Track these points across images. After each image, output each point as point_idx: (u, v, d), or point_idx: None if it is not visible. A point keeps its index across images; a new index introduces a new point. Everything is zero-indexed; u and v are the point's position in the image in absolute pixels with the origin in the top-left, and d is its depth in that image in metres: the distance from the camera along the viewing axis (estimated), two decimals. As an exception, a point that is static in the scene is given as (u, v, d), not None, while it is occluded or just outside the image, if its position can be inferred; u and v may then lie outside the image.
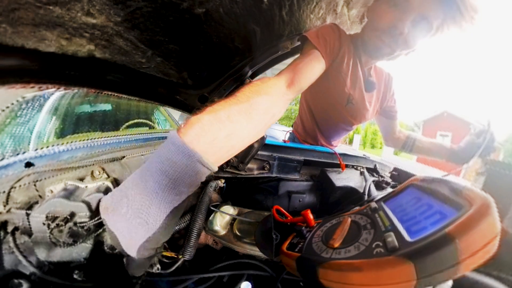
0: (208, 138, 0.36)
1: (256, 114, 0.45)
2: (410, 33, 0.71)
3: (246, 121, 0.43)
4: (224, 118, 0.39)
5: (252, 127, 0.45)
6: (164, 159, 0.34)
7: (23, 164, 0.57)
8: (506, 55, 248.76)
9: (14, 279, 0.47)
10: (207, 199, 0.57)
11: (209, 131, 0.37)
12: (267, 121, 0.52)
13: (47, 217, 0.49)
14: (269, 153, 0.74)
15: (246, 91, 0.47)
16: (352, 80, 0.91)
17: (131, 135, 1.08)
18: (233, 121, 0.40)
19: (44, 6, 0.42)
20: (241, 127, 0.42)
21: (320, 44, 0.72)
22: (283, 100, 0.60)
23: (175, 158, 0.34)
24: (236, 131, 0.41)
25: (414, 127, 19.40)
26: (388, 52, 0.79)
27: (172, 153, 0.34)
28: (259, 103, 0.47)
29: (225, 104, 0.42)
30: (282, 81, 0.61)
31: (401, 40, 0.73)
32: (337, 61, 0.84)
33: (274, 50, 0.79)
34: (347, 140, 20.71)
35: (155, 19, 0.54)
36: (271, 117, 0.53)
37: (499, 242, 0.24)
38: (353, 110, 0.99)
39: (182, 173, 0.34)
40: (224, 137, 0.38)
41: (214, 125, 0.38)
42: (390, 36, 0.74)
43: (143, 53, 0.61)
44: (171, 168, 0.34)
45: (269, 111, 0.52)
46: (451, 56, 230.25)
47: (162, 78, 0.72)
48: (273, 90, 0.55)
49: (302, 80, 0.64)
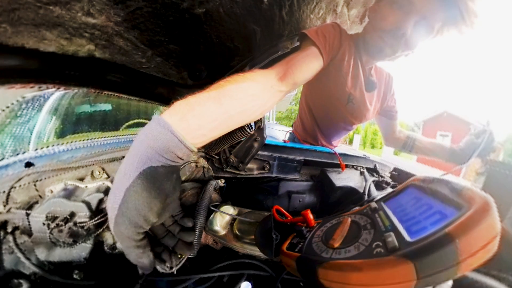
0: (177, 116, 0.41)
1: (227, 99, 0.48)
2: (412, 35, 0.72)
3: (215, 105, 0.46)
4: (193, 102, 0.44)
5: (224, 110, 0.48)
6: (142, 131, 0.40)
7: (23, 164, 0.57)
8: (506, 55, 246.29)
9: (14, 279, 0.47)
10: (208, 199, 0.57)
11: (178, 111, 0.42)
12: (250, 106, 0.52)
13: (47, 217, 0.49)
14: (269, 153, 0.74)
15: (222, 81, 0.51)
16: (352, 79, 0.91)
17: (131, 135, 1.08)
18: (200, 104, 0.45)
19: (44, 6, 0.42)
20: (209, 109, 0.46)
21: (320, 40, 0.72)
22: (272, 91, 0.59)
23: (150, 128, 0.39)
24: (204, 112, 0.45)
25: (414, 127, 19.40)
26: (389, 52, 0.80)
27: (152, 125, 0.40)
28: (233, 90, 0.50)
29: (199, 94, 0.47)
30: (274, 72, 0.61)
31: (403, 41, 0.73)
32: (337, 60, 0.84)
33: (274, 50, 0.79)
34: (347, 140, 20.71)
35: (155, 19, 0.54)
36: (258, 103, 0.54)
37: (499, 242, 0.24)
38: (354, 109, 0.98)
39: (153, 139, 0.38)
40: (192, 117, 0.43)
41: (183, 107, 0.43)
42: (392, 37, 0.74)
43: (143, 53, 0.61)
44: (146, 136, 0.39)
45: (254, 97, 0.53)
46: (451, 56, 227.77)
47: (162, 78, 0.72)
48: (261, 78, 0.56)
49: (295, 73, 0.64)
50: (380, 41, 0.78)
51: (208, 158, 0.70)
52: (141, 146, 0.38)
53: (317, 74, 0.73)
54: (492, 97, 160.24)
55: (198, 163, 0.68)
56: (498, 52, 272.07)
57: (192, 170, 0.67)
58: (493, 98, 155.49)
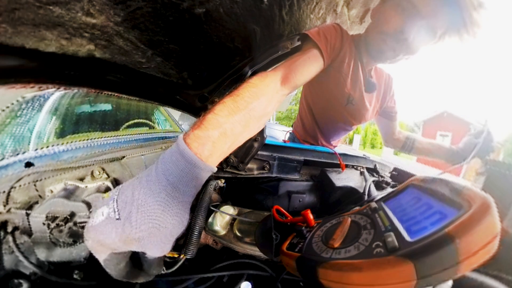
0: (217, 152, 0.41)
1: (252, 121, 0.49)
2: (414, 39, 0.72)
3: (244, 129, 0.47)
4: (229, 133, 0.43)
5: (248, 134, 0.50)
6: (172, 165, 0.37)
7: (23, 164, 0.57)
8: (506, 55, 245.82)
9: (14, 279, 0.47)
10: (207, 199, 0.57)
11: (219, 147, 0.41)
12: (262, 123, 0.55)
13: (47, 217, 0.49)
14: (269, 153, 0.74)
15: (245, 95, 0.49)
16: (352, 80, 0.91)
17: (131, 135, 1.08)
18: (235, 133, 0.44)
19: (44, 6, 0.42)
20: (240, 135, 0.46)
21: (321, 41, 0.72)
22: (277, 96, 0.60)
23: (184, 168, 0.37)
24: (236, 141, 0.46)
25: (414, 127, 19.39)
26: (391, 55, 0.80)
27: (182, 163, 0.37)
28: (256, 109, 0.50)
29: (228, 116, 0.44)
30: (278, 78, 0.62)
31: (405, 45, 0.74)
32: (337, 61, 0.84)
33: (274, 50, 0.79)
34: (347, 140, 20.71)
35: (155, 19, 0.54)
36: (266, 116, 0.56)
37: (499, 242, 0.24)
38: (353, 110, 0.99)
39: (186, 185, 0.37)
40: (228, 148, 0.43)
41: (222, 140, 0.42)
42: (395, 40, 0.74)
43: (143, 53, 0.61)
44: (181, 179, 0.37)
45: (265, 112, 0.54)
46: (451, 56, 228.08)
47: (162, 78, 0.72)
48: (269, 89, 0.57)
49: (297, 77, 0.65)
50: (382, 44, 0.78)
51: (208, 158, 0.70)
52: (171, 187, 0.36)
53: (317, 74, 0.74)
54: (492, 97, 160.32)
55: (198, 163, 0.68)
56: (498, 52, 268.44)
57: (192, 170, 0.67)
58: (493, 98, 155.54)
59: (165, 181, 0.36)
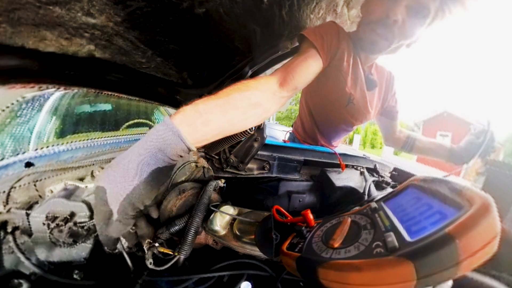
0: (187, 122, 0.45)
1: (232, 109, 0.51)
2: (406, 21, 0.69)
3: (221, 114, 0.50)
4: (201, 110, 0.48)
5: (227, 119, 0.51)
6: (153, 131, 0.44)
7: (23, 164, 0.57)
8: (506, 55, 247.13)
9: (14, 279, 0.47)
10: (207, 199, 0.57)
11: (189, 117, 0.46)
12: (249, 116, 0.55)
13: (47, 217, 0.49)
14: (269, 153, 0.74)
15: (228, 88, 0.53)
16: (353, 79, 0.90)
17: (131, 135, 1.08)
18: (208, 112, 0.48)
19: (44, 6, 0.42)
20: (215, 117, 0.49)
21: (317, 41, 0.72)
22: (274, 97, 0.61)
23: (162, 131, 0.43)
24: (211, 120, 0.48)
25: (414, 127, 19.39)
26: (385, 44, 0.77)
27: (160, 128, 0.43)
28: (236, 98, 0.53)
29: (206, 99, 0.50)
30: (275, 79, 0.62)
31: (396, 29, 0.71)
32: (336, 60, 0.83)
33: (274, 50, 0.79)
34: (347, 140, 20.71)
35: (155, 19, 0.54)
36: (260, 110, 0.57)
37: (499, 242, 0.24)
38: (354, 110, 0.98)
39: (164, 143, 0.43)
40: (200, 123, 0.47)
41: (193, 113, 0.47)
42: (383, 26, 0.72)
43: (143, 53, 0.62)
44: (157, 138, 0.43)
45: (250, 103, 0.55)
46: (451, 55, 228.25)
47: (162, 78, 0.72)
48: (263, 86, 0.59)
49: (295, 78, 0.64)
50: (372, 34, 0.76)
51: (208, 158, 0.70)
52: (152, 148, 0.42)
53: (317, 75, 0.73)
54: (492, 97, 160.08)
55: (198, 163, 0.68)
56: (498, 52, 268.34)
57: (192, 170, 0.67)
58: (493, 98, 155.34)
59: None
